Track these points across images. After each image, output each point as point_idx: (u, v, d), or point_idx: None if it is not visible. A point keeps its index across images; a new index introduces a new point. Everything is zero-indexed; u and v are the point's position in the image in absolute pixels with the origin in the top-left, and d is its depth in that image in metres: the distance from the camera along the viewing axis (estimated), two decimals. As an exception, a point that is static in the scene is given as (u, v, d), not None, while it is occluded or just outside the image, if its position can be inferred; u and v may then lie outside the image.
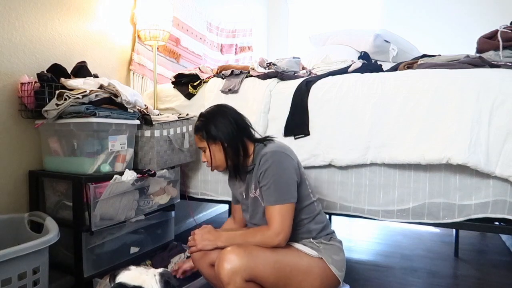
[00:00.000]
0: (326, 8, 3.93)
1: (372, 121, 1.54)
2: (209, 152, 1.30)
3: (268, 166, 1.20)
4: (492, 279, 1.82)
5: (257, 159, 1.26)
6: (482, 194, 1.42)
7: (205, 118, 1.31)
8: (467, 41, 2.13)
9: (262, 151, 1.25)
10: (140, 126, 1.64)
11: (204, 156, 1.33)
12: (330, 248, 1.26)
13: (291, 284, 1.17)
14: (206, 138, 1.28)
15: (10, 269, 1.06)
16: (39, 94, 1.42)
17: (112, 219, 1.45)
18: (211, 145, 1.28)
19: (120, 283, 0.93)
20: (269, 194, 1.20)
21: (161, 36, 2.01)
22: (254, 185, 1.28)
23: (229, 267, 1.08)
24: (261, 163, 1.22)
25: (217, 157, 1.29)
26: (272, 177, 1.19)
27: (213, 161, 1.31)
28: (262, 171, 1.21)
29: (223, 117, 1.29)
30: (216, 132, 1.26)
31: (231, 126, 1.27)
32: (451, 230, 2.46)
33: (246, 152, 1.29)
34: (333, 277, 1.22)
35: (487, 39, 1.67)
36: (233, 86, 1.85)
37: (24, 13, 1.50)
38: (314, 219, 1.30)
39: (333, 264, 1.21)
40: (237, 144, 1.27)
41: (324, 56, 2.11)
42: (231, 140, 1.26)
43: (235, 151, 1.27)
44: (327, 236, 1.31)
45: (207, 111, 1.34)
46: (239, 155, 1.28)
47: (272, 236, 1.16)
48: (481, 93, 1.38)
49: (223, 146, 1.27)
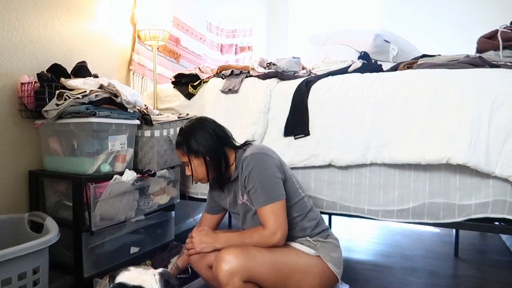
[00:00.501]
0: (326, 8, 3.93)
1: (372, 121, 1.54)
2: (193, 166, 1.30)
3: (250, 169, 1.21)
4: (492, 279, 1.82)
5: (239, 165, 1.27)
6: (482, 194, 1.42)
7: (185, 133, 1.31)
8: (467, 41, 2.13)
9: (242, 157, 1.26)
10: (140, 126, 1.65)
11: (188, 170, 1.33)
12: (327, 245, 1.27)
13: (290, 283, 1.17)
14: (187, 152, 1.29)
15: (10, 269, 1.06)
16: (39, 94, 1.42)
17: (112, 219, 1.45)
18: (193, 159, 1.29)
19: (120, 283, 0.93)
20: (257, 196, 1.20)
21: (161, 36, 2.01)
22: (241, 191, 1.29)
23: (226, 268, 1.08)
24: (243, 168, 1.23)
25: (199, 171, 1.30)
26: (256, 178, 1.20)
27: (196, 175, 1.31)
28: (246, 176, 1.22)
29: (203, 131, 1.29)
30: (197, 147, 1.27)
31: (211, 138, 1.28)
32: (451, 230, 2.46)
33: (227, 162, 1.29)
34: (331, 274, 1.22)
35: (487, 39, 1.67)
36: (233, 86, 1.85)
37: (24, 13, 1.50)
38: (306, 216, 1.30)
39: (331, 261, 1.22)
40: (218, 155, 1.28)
41: (324, 56, 2.11)
42: (212, 152, 1.27)
43: (217, 163, 1.28)
44: (323, 233, 1.31)
45: (186, 126, 1.33)
46: (221, 166, 1.28)
47: (269, 236, 1.17)
48: (481, 93, 1.38)
49: (204, 159, 1.27)
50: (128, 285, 0.93)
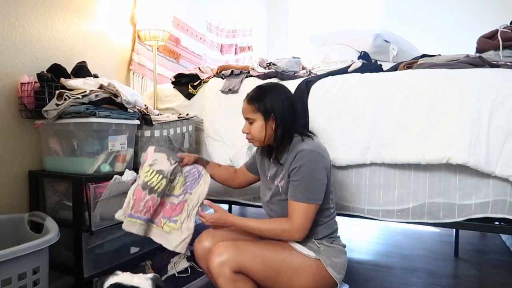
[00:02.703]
0: (326, 8, 3.94)
1: (372, 121, 1.54)
2: (256, 125, 1.26)
3: (302, 164, 1.18)
4: (492, 279, 1.82)
5: (292, 151, 1.24)
6: (482, 194, 1.42)
7: (265, 91, 1.27)
8: (467, 41, 2.13)
9: (299, 146, 1.22)
10: (140, 126, 1.64)
11: (247, 127, 1.30)
12: (331, 250, 1.25)
13: (281, 279, 1.17)
14: (259, 109, 1.25)
15: (10, 269, 1.06)
16: (39, 94, 1.42)
17: (112, 219, 1.45)
18: (261, 118, 1.25)
19: (117, 283, 0.93)
20: (297, 190, 1.19)
21: (161, 36, 2.01)
22: (282, 176, 1.26)
23: (217, 260, 1.11)
24: (296, 158, 1.20)
25: (261, 132, 1.26)
26: (304, 175, 1.18)
27: (254, 135, 1.28)
28: (295, 167, 1.19)
29: (284, 96, 1.26)
30: (273, 108, 1.24)
31: (289, 108, 1.25)
32: (451, 230, 2.46)
33: (290, 138, 1.27)
34: (328, 278, 1.21)
35: (487, 39, 1.67)
36: (233, 86, 1.85)
37: (24, 13, 1.50)
38: (326, 223, 1.29)
39: (331, 266, 1.20)
40: (286, 127, 1.25)
41: (324, 56, 2.11)
42: (283, 120, 1.24)
43: (282, 132, 1.25)
44: (330, 238, 1.29)
45: (267, 85, 1.30)
46: (284, 138, 1.26)
47: (292, 231, 1.17)
48: (481, 93, 1.38)
49: (275, 123, 1.25)
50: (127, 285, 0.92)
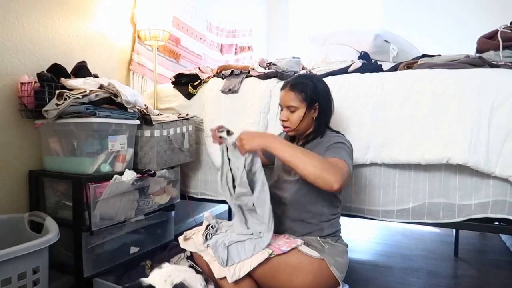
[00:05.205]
0: (326, 8, 3.94)
1: (372, 121, 1.54)
2: (299, 113, 1.26)
3: (340, 141, 1.22)
4: (492, 279, 1.82)
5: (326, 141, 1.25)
6: (482, 194, 1.42)
7: (312, 80, 1.28)
8: (467, 41, 2.13)
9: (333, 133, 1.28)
10: (140, 126, 1.64)
11: (285, 115, 1.29)
12: (335, 249, 1.25)
13: (279, 276, 1.17)
14: (306, 98, 1.25)
15: (10, 269, 1.06)
16: (39, 94, 1.42)
17: (112, 219, 1.45)
18: (303, 107, 1.26)
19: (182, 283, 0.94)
20: (336, 151, 1.17)
21: (161, 36, 2.01)
22: None
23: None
24: (333, 139, 1.23)
25: (298, 120, 1.26)
26: (344, 146, 1.20)
27: (293, 123, 1.28)
28: (334, 142, 1.21)
29: (326, 86, 1.29)
30: (317, 97, 1.25)
31: (329, 99, 1.28)
32: (451, 230, 2.46)
33: (324, 130, 1.29)
34: (331, 277, 1.20)
35: (487, 39, 1.67)
36: (233, 86, 1.85)
37: (24, 13, 1.50)
38: (330, 221, 1.29)
39: (334, 265, 1.20)
40: (326, 117, 1.27)
41: (324, 56, 2.11)
42: (324, 110, 1.26)
43: (320, 122, 1.26)
44: (335, 237, 1.30)
45: (309, 74, 1.33)
46: (321, 128, 1.27)
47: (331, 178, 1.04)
48: (481, 93, 1.38)
49: (317, 112, 1.26)
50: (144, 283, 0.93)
